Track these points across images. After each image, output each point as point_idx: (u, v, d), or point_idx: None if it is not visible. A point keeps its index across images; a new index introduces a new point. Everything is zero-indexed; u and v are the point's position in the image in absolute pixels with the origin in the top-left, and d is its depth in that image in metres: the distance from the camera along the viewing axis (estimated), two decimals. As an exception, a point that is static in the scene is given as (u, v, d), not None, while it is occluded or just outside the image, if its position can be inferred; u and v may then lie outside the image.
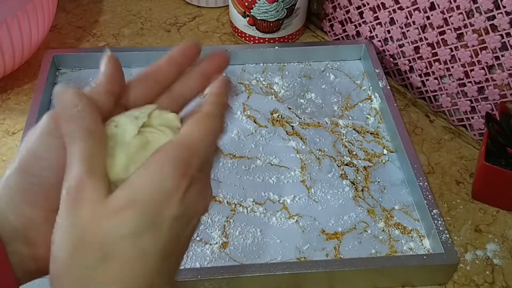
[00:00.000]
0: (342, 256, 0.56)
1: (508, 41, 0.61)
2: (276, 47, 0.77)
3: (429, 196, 0.58)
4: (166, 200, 0.28)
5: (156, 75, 0.34)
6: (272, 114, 0.70)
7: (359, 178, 0.63)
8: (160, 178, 0.28)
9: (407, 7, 0.69)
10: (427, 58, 0.70)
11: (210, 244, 0.56)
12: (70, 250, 0.28)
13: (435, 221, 0.56)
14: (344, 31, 0.81)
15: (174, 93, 0.34)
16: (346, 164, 0.65)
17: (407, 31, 0.71)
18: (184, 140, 0.30)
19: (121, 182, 0.29)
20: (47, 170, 0.30)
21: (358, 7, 0.76)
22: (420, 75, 0.73)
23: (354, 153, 0.66)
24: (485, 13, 0.61)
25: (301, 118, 0.70)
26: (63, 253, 0.28)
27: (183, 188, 0.29)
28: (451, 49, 0.67)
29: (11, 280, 0.30)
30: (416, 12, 0.68)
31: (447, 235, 0.55)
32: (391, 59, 0.76)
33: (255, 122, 0.69)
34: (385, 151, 0.66)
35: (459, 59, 0.67)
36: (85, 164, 0.28)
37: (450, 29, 0.66)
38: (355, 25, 0.78)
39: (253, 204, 0.60)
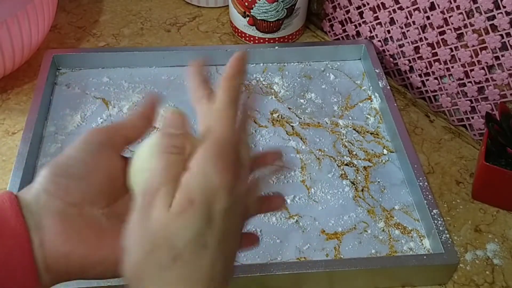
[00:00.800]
0: (342, 256, 0.56)
1: (508, 41, 0.61)
2: (276, 47, 0.77)
3: (429, 196, 0.58)
4: (215, 194, 0.31)
5: None
6: (272, 114, 0.70)
7: (359, 178, 0.63)
8: (205, 177, 0.31)
9: (407, 7, 0.69)
10: (427, 58, 0.70)
11: (210, 244, 0.56)
12: (144, 253, 0.30)
13: (435, 221, 0.56)
14: (344, 31, 0.81)
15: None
16: (346, 164, 0.65)
17: (407, 31, 0.71)
18: (213, 138, 0.32)
19: None
20: (74, 168, 0.33)
21: (358, 7, 0.76)
22: (420, 75, 0.73)
23: (354, 153, 0.66)
24: (485, 13, 0.61)
25: (301, 118, 0.70)
26: (137, 256, 0.31)
27: (227, 181, 0.31)
28: (451, 49, 0.67)
29: (33, 263, 0.31)
30: (416, 12, 0.68)
31: (447, 235, 0.55)
32: (391, 59, 0.76)
33: (255, 122, 0.69)
34: (385, 151, 0.66)
35: (459, 59, 0.67)
36: (164, 175, 0.31)
37: (450, 29, 0.66)
38: (355, 25, 0.78)
39: (253, 204, 0.60)
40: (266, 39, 0.80)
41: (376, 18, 0.74)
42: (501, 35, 0.61)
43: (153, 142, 0.34)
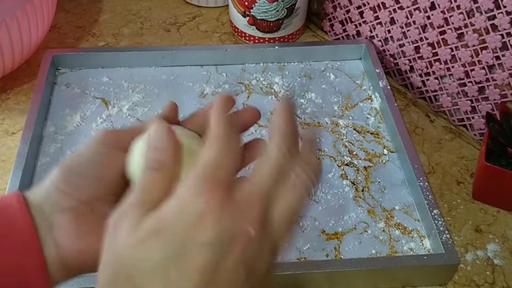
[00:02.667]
0: (342, 257, 0.56)
1: (509, 40, 0.61)
2: (276, 47, 0.76)
3: (430, 196, 0.58)
4: (198, 221, 0.26)
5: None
6: (272, 114, 0.70)
7: (360, 178, 0.63)
8: (188, 199, 0.27)
9: (408, 7, 0.69)
10: (428, 58, 0.70)
11: (210, 245, 0.56)
12: (107, 279, 0.28)
13: (436, 221, 0.56)
14: (345, 30, 0.80)
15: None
16: (347, 164, 0.65)
17: (408, 30, 0.71)
18: (201, 163, 0.28)
19: None
20: (87, 169, 0.33)
21: (359, 7, 0.76)
22: (420, 75, 0.73)
23: (355, 153, 0.66)
24: (486, 12, 0.61)
25: (301, 118, 0.70)
26: (102, 280, 0.28)
27: (215, 206, 0.26)
28: (451, 48, 0.67)
29: (42, 262, 0.31)
30: (417, 11, 0.68)
31: (448, 235, 0.55)
32: (391, 59, 0.76)
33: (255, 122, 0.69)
34: (385, 151, 0.66)
35: (460, 58, 0.66)
36: (139, 195, 0.29)
37: (451, 29, 0.66)
38: (356, 25, 0.78)
39: (253, 204, 0.60)
40: (266, 38, 0.80)
41: (377, 17, 0.74)
42: (502, 34, 0.61)
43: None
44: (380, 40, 0.76)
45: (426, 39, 0.69)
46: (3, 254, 0.31)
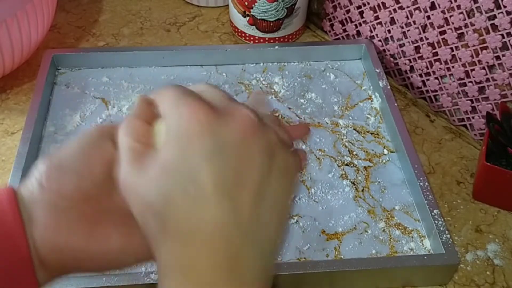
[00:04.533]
0: (342, 257, 0.56)
1: (509, 40, 0.61)
2: (276, 47, 0.76)
3: (430, 196, 0.58)
4: (191, 139, 0.27)
5: None
6: (272, 114, 0.70)
7: (360, 178, 0.63)
8: (173, 121, 0.28)
9: (408, 7, 0.69)
10: (428, 57, 0.70)
11: (210, 245, 0.56)
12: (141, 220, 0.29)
13: (436, 221, 0.56)
14: (345, 30, 0.80)
15: None
16: (347, 164, 0.65)
17: (408, 30, 0.71)
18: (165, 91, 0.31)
19: None
20: (67, 161, 0.32)
21: (359, 7, 0.76)
22: (420, 75, 0.73)
23: (355, 153, 0.66)
24: (486, 12, 0.61)
25: (301, 118, 0.70)
26: (149, 229, 0.29)
27: (203, 121, 0.27)
28: (451, 48, 0.67)
29: (30, 261, 0.30)
30: (417, 11, 0.68)
31: (448, 236, 0.54)
32: (391, 59, 0.76)
33: (255, 122, 0.69)
34: (385, 151, 0.66)
35: (460, 58, 0.66)
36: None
37: (451, 29, 0.66)
38: (356, 25, 0.78)
39: (253, 204, 0.60)
40: (266, 38, 0.80)
41: (377, 17, 0.74)
42: (502, 34, 0.61)
43: None
44: (380, 40, 0.76)
45: (426, 39, 0.69)
46: None
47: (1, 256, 0.30)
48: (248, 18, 0.78)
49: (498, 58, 0.63)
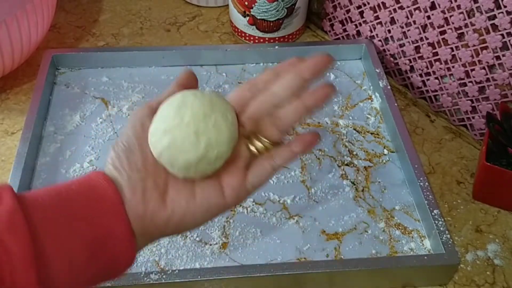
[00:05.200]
0: (342, 257, 0.56)
1: (509, 40, 0.60)
2: (276, 47, 0.76)
3: (430, 196, 0.58)
4: None
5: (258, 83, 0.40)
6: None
7: (360, 178, 0.63)
8: None
9: (408, 7, 0.69)
10: (428, 57, 0.70)
11: (210, 245, 0.56)
12: None
13: (436, 222, 0.56)
14: (345, 30, 0.80)
15: (276, 118, 0.38)
16: (347, 164, 0.65)
17: (408, 30, 0.71)
18: None
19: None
20: (128, 144, 0.37)
21: (359, 7, 0.76)
22: (420, 75, 0.73)
23: (355, 153, 0.66)
24: (486, 12, 0.61)
25: (301, 118, 0.70)
26: None
27: None
28: (451, 48, 0.67)
29: (129, 228, 0.34)
30: (417, 11, 0.68)
31: (448, 236, 0.54)
32: (391, 59, 0.76)
33: (255, 122, 0.69)
34: (385, 151, 0.66)
35: (460, 58, 0.66)
36: None
37: (451, 29, 0.66)
38: (356, 25, 0.78)
39: (253, 205, 0.60)
40: (266, 38, 0.80)
41: (377, 17, 0.74)
42: (502, 34, 0.61)
43: (174, 103, 0.36)
44: (380, 40, 0.76)
45: (427, 39, 0.69)
46: (97, 223, 0.33)
47: (109, 229, 0.33)
48: (248, 18, 0.78)
49: (498, 58, 0.63)
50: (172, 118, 0.35)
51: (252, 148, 0.38)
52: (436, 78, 0.71)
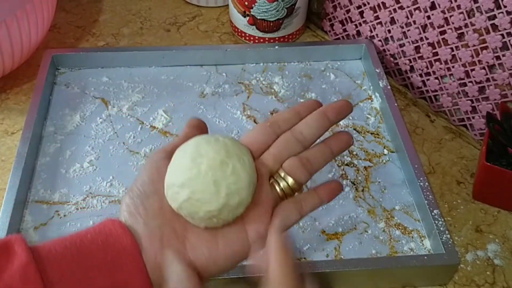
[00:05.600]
0: (342, 257, 0.56)
1: (509, 40, 0.60)
2: (276, 47, 0.76)
3: (430, 196, 0.58)
4: None
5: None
6: (272, 114, 0.70)
7: (360, 178, 0.63)
8: None
9: (408, 7, 0.69)
10: (428, 57, 0.70)
11: (210, 245, 0.56)
12: None
13: (436, 222, 0.56)
14: (345, 30, 0.80)
15: (304, 159, 0.38)
16: (347, 164, 0.65)
17: (408, 30, 0.71)
18: None
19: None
20: (144, 187, 0.36)
21: (359, 7, 0.76)
22: (420, 75, 0.73)
23: (355, 153, 0.66)
24: (486, 12, 0.61)
25: (301, 118, 0.70)
26: None
27: None
28: (451, 48, 0.67)
29: (146, 277, 0.33)
30: (417, 11, 0.68)
31: (448, 236, 0.54)
32: (391, 59, 0.76)
33: (255, 122, 0.69)
34: (385, 151, 0.66)
35: (460, 58, 0.66)
36: None
37: (451, 29, 0.66)
38: (356, 25, 0.78)
39: (253, 204, 0.60)
40: (266, 38, 0.80)
41: (377, 17, 0.74)
42: (502, 34, 0.61)
43: (188, 152, 0.36)
44: (380, 40, 0.76)
45: (427, 39, 0.69)
46: (114, 274, 0.33)
47: (127, 280, 0.32)
48: (248, 18, 0.78)
49: (498, 58, 0.63)
50: (189, 169, 0.34)
51: (277, 187, 0.37)
52: (436, 78, 0.71)
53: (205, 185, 0.34)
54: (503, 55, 0.62)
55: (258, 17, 0.77)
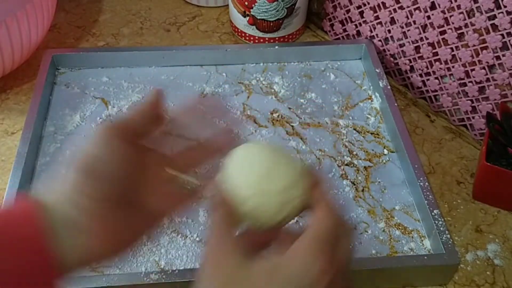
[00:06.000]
0: (342, 257, 0.56)
1: (509, 40, 0.60)
2: (276, 47, 0.76)
3: (430, 196, 0.58)
4: (315, 280, 0.31)
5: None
6: (272, 114, 0.70)
7: (360, 178, 0.63)
8: (306, 260, 0.32)
9: (408, 7, 0.69)
10: (428, 57, 0.70)
11: (210, 245, 0.56)
12: None
13: (436, 222, 0.56)
14: (345, 30, 0.80)
15: (186, 157, 0.40)
16: (347, 164, 0.65)
17: (408, 30, 0.71)
18: (321, 231, 0.33)
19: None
20: (102, 169, 0.34)
21: (359, 7, 0.76)
22: (420, 75, 0.73)
23: (355, 153, 0.66)
24: (486, 12, 0.61)
25: (301, 118, 0.70)
26: None
27: (326, 273, 0.32)
28: (451, 48, 0.67)
29: (50, 265, 0.32)
30: (417, 11, 0.68)
31: (448, 236, 0.54)
32: (391, 59, 0.76)
33: (255, 122, 0.69)
34: (385, 151, 0.66)
35: (460, 58, 0.66)
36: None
37: (451, 29, 0.66)
38: (356, 25, 0.78)
39: (253, 204, 0.60)
40: (266, 38, 0.80)
41: (377, 17, 0.74)
42: (502, 34, 0.61)
43: (243, 154, 0.37)
44: (380, 40, 0.76)
45: (426, 39, 0.69)
46: (13, 258, 0.32)
47: (19, 262, 0.32)
48: (248, 18, 0.78)
49: (498, 58, 0.63)
50: (258, 183, 0.36)
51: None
52: (436, 78, 0.71)
53: (273, 204, 0.36)
54: (503, 55, 0.62)
55: (258, 17, 0.77)
